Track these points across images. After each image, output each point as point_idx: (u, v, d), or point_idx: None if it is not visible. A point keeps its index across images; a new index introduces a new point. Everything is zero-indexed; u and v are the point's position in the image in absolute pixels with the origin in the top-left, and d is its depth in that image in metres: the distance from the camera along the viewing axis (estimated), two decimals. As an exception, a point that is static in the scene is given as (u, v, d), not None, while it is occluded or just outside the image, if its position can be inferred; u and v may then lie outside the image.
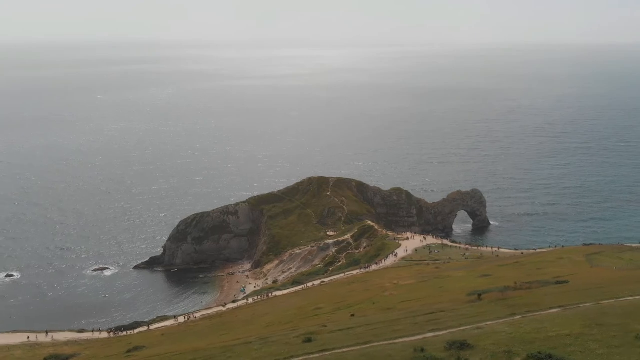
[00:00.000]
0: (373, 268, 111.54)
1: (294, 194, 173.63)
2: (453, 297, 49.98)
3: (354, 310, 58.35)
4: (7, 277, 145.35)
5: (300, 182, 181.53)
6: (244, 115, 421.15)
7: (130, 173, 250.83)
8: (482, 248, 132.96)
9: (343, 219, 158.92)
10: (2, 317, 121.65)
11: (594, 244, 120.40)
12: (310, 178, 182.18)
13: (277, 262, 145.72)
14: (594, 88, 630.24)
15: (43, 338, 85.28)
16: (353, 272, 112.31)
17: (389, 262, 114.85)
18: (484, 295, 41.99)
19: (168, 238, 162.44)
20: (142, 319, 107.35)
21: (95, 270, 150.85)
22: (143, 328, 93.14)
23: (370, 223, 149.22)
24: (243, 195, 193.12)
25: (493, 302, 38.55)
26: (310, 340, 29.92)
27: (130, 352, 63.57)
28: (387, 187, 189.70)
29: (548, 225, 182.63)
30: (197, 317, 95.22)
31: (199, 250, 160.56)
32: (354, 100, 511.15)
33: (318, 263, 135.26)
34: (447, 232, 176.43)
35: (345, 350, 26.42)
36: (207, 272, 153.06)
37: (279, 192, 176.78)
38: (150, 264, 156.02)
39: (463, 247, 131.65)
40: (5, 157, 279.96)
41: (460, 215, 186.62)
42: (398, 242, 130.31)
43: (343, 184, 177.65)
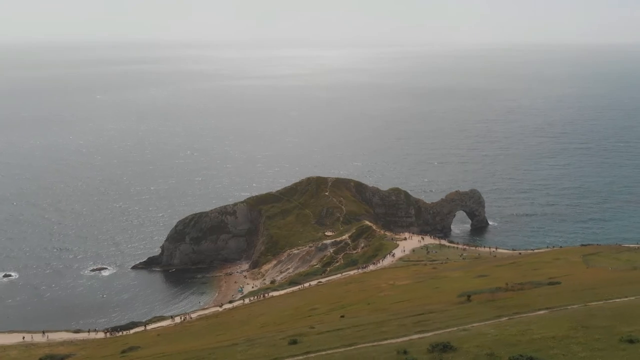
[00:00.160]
0: (370, 268, 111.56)
1: (292, 194, 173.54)
2: (445, 298, 49.91)
3: (349, 311, 58.26)
4: (4, 277, 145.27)
5: (299, 182, 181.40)
6: (244, 115, 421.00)
7: (129, 173, 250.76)
8: (479, 248, 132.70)
9: (341, 219, 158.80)
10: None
11: (592, 245, 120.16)
12: (309, 178, 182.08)
13: (275, 262, 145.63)
14: (594, 88, 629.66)
15: (39, 338, 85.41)
16: (350, 272, 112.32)
17: (387, 262, 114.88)
18: (474, 297, 41.91)
19: (166, 238, 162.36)
20: (139, 319, 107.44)
21: (93, 271, 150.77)
22: (139, 328, 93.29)
23: (368, 223, 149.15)
24: (242, 196, 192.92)
25: (482, 303, 38.45)
26: (296, 342, 29.86)
27: (125, 352, 63.62)
28: (386, 187, 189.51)
29: (547, 226, 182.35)
30: (193, 317, 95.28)
31: (197, 251, 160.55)
32: (354, 100, 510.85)
33: (316, 263, 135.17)
34: (445, 232, 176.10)
35: (330, 352, 26.37)
36: (205, 272, 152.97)
37: (277, 192, 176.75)
38: (148, 264, 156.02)
39: (461, 247, 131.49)
40: (5, 157, 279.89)
41: (459, 216, 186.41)
42: (396, 242, 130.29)
43: (341, 184, 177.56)
